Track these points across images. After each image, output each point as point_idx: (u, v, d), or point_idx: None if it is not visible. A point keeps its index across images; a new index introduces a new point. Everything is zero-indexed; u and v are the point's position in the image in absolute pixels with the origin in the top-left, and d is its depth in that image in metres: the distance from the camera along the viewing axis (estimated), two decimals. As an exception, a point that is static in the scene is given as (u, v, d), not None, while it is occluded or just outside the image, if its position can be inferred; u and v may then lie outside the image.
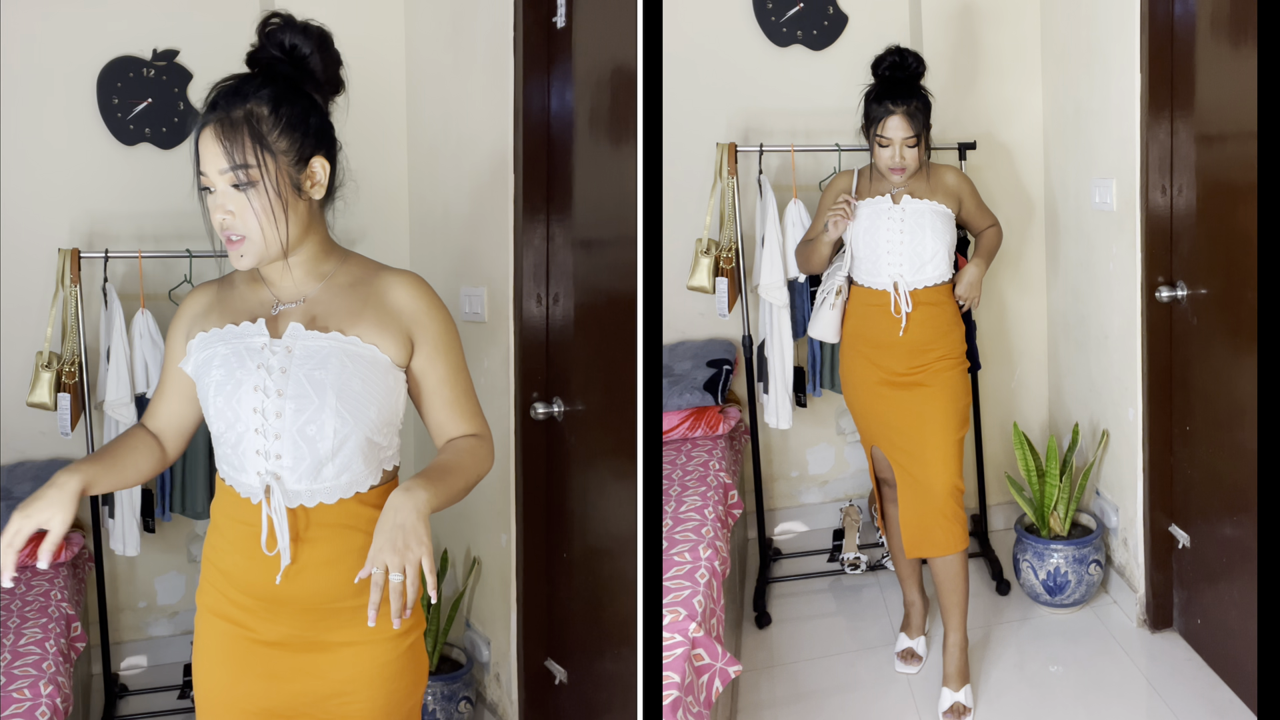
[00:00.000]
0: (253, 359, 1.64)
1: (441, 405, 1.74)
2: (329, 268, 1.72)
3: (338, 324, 1.67)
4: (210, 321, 1.71)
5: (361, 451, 1.65)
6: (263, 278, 1.72)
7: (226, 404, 1.64)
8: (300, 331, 1.65)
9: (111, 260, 2.97)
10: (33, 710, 2.17)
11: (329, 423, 1.62)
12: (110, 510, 2.95)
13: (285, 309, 1.69)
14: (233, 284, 1.75)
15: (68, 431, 2.90)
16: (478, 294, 2.88)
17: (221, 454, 1.69)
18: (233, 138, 1.60)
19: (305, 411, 1.62)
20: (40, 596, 2.68)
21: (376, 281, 1.71)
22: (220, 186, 1.61)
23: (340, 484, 1.65)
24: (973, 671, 2.86)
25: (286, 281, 1.71)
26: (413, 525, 1.54)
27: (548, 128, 2.66)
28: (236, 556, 1.68)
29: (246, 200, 1.61)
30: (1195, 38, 2.74)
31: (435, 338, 1.71)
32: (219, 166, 1.60)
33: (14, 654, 2.36)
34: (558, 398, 2.65)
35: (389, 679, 1.71)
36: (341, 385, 1.63)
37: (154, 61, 3.13)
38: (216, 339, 1.68)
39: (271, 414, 1.62)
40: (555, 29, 2.60)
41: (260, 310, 1.70)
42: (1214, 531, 2.76)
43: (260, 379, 1.63)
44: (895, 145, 2.72)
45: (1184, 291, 2.83)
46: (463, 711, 2.90)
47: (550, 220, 2.68)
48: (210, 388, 1.65)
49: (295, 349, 1.65)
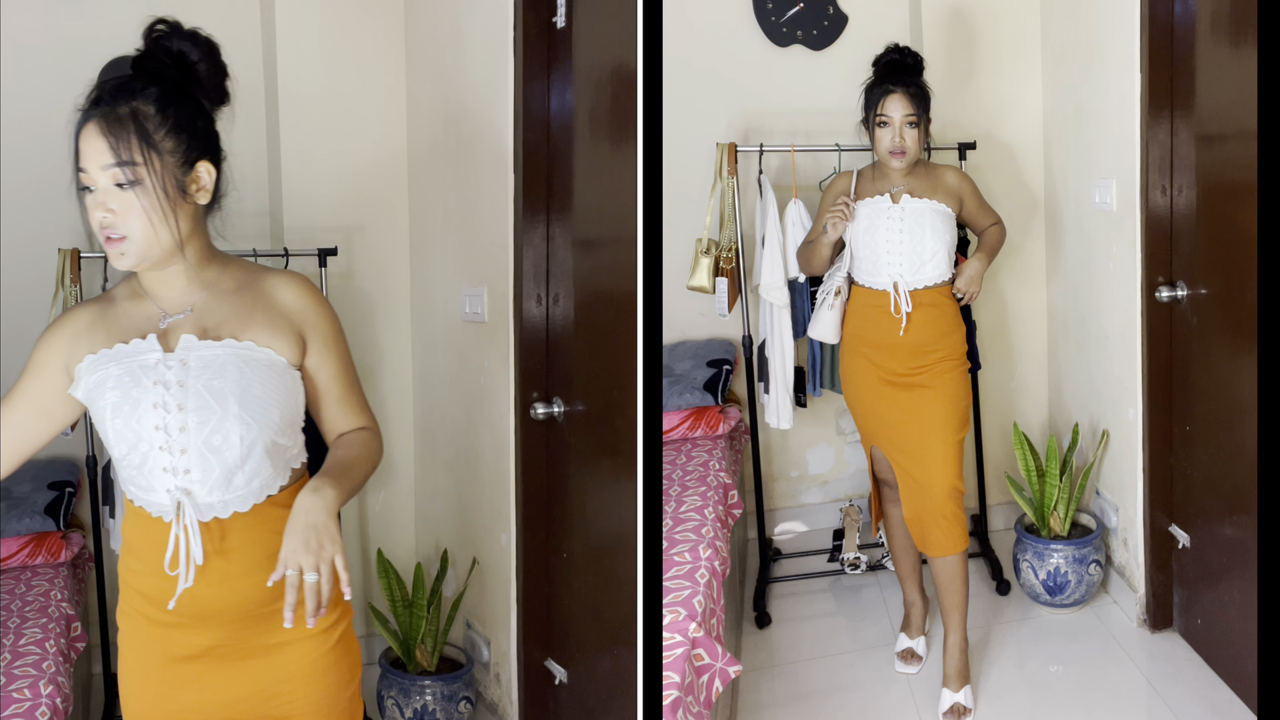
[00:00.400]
0: (148, 376, 1.61)
1: (334, 402, 1.76)
2: (212, 274, 1.69)
3: (230, 331, 1.65)
4: (96, 342, 1.65)
5: (269, 455, 1.65)
6: (145, 291, 1.68)
7: (126, 425, 1.60)
8: (194, 342, 1.63)
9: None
10: (33, 710, 2.17)
11: (234, 431, 1.61)
12: (110, 510, 2.95)
13: (174, 321, 1.66)
14: (114, 301, 1.70)
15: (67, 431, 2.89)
16: (478, 294, 2.88)
17: (127, 475, 1.65)
18: (118, 134, 1.56)
19: (209, 423, 1.60)
20: (40, 596, 2.68)
21: (262, 284, 1.70)
22: (102, 184, 1.57)
23: (252, 490, 1.65)
24: (973, 671, 2.86)
25: (170, 292, 1.67)
26: (324, 524, 1.56)
27: (548, 128, 2.66)
28: (155, 578, 1.65)
29: (131, 199, 1.57)
30: (1195, 38, 2.74)
31: (325, 335, 1.72)
32: (102, 162, 1.56)
33: (14, 654, 2.36)
34: (558, 398, 2.65)
35: (323, 673, 1.71)
36: (242, 392, 1.62)
37: (154, 61, 3.13)
38: (107, 360, 1.64)
39: (175, 429, 1.60)
40: (555, 29, 2.60)
41: (148, 325, 1.66)
42: (1214, 531, 2.76)
43: (159, 395, 1.60)
44: (895, 125, 2.72)
45: (1184, 291, 2.83)
46: (463, 711, 2.91)
47: (550, 220, 2.68)
48: (106, 411, 1.61)
49: (190, 361, 1.62)
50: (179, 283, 1.67)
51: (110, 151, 1.56)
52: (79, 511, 3.14)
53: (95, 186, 1.57)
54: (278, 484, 1.68)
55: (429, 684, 2.86)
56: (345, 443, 1.76)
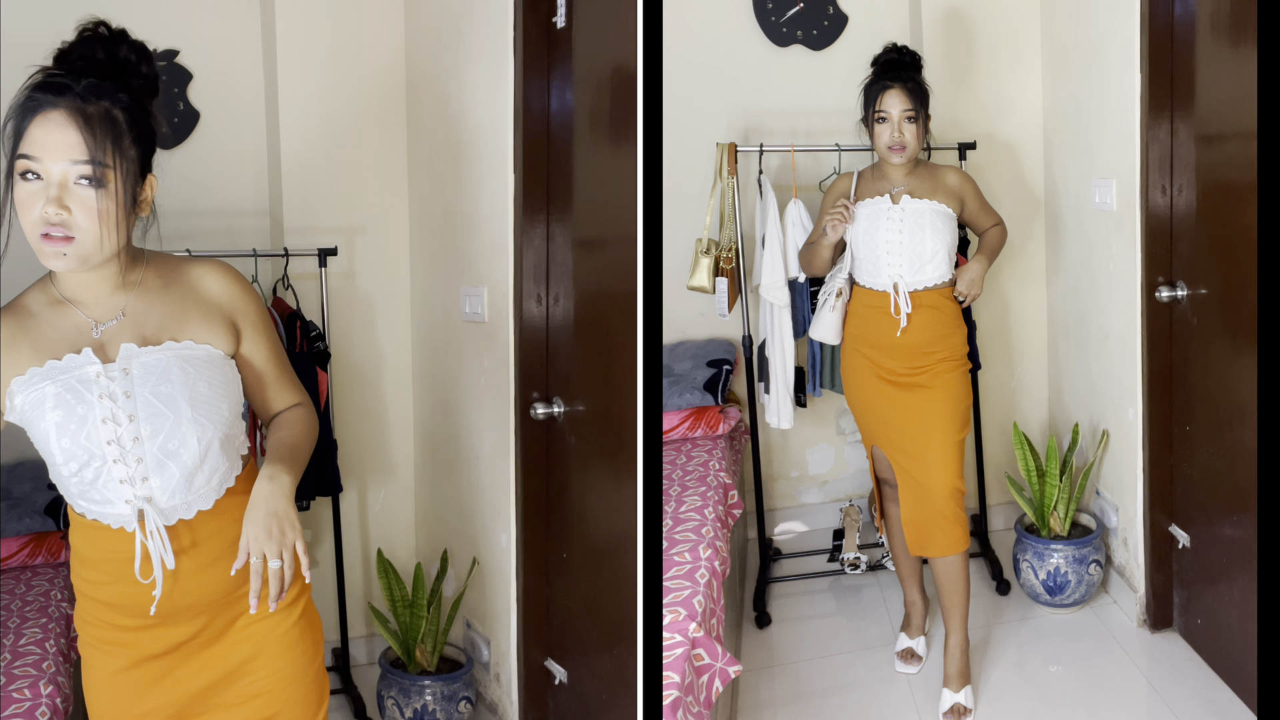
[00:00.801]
0: (91, 390, 1.57)
1: (269, 383, 1.79)
2: (137, 275, 1.65)
3: (169, 332, 1.64)
4: (21, 360, 1.58)
5: (223, 450, 1.66)
6: (67, 298, 1.62)
7: (75, 443, 1.57)
8: (134, 350, 1.60)
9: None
10: (33, 710, 2.17)
11: (190, 434, 1.60)
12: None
13: (107, 329, 1.62)
14: (30, 313, 1.62)
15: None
16: (478, 294, 2.88)
17: (77, 491, 1.62)
18: (93, 131, 1.50)
19: (163, 429, 1.59)
20: (40, 596, 2.68)
21: (186, 277, 1.69)
22: (59, 177, 1.50)
23: (212, 486, 1.66)
24: (973, 671, 2.86)
25: (97, 297, 1.62)
26: (284, 511, 1.60)
27: (548, 128, 2.66)
28: (119, 586, 1.65)
29: (90, 199, 1.51)
30: (1195, 38, 2.74)
31: (254, 321, 1.74)
32: (73, 156, 1.49)
33: (14, 654, 2.36)
34: (558, 398, 2.65)
35: (289, 647, 1.74)
36: (191, 393, 1.61)
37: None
38: (40, 378, 1.57)
39: (129, 440, 1.58)
40: (555, 29, 2.60)
41: (78, 336, 1.60)
42: (1214, 531, 2.76)
43: (107, 409, 1.57)
44: (893, 120, 2.72)
45: (1184, 291, 2.83)
46: (463, 711, 2.90)
47: (550, 220, 2.68)
48: (50, 431, 1.56)
49: (133, 369, 1.60)
50: (106, 287, 1.62)
51: (84, 147, 1.50)
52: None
53: (47, 177, 1.50)
54: (233, 475, 1.69)
55: (429, 684, 2.86)
56: (286, 422, 1.79)
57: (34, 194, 1.51)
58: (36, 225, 1.51)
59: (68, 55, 1.56)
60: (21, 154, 1.50)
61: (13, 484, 2.99)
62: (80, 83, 1.51)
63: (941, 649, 2.91)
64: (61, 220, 1.51)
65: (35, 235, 1.52)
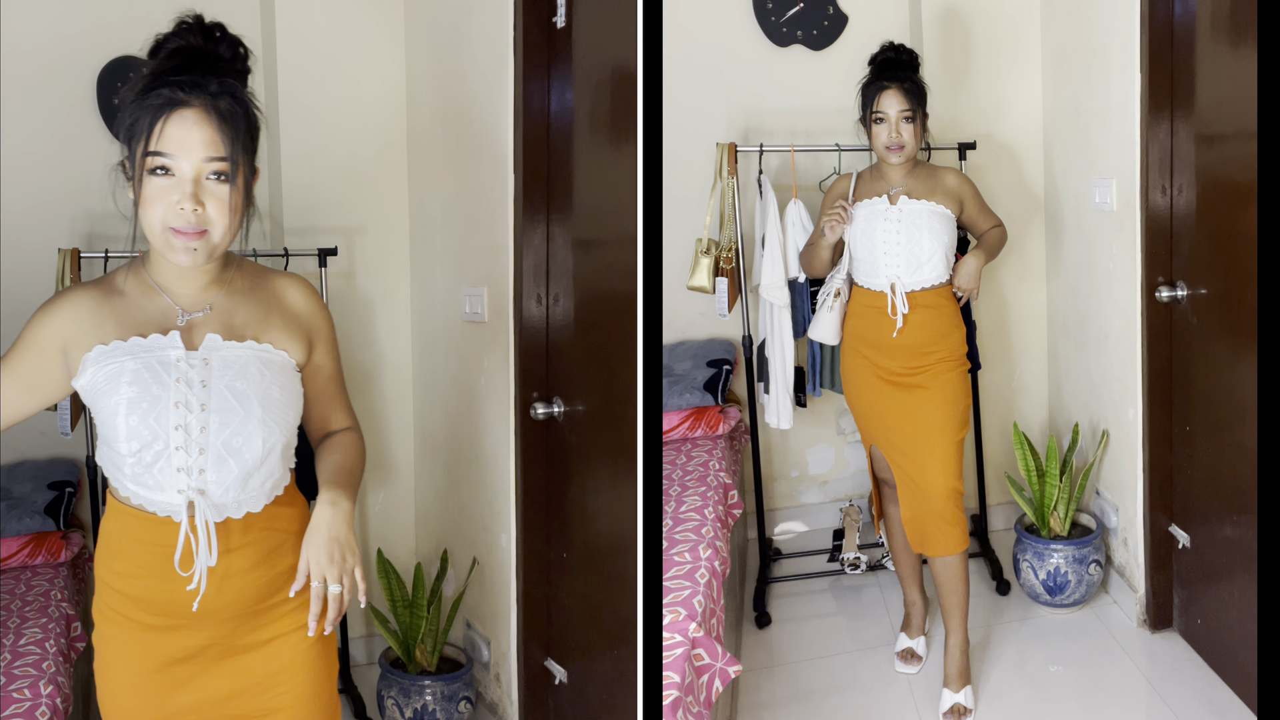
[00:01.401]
0: (169, 373, 1.59)
1: (328, 401, 1.80)
2: (229, 274, 1.69)
3: (252, 332, 1.66)
4: (105, 332, 1.61)
5: (283, 456, 1.68)
6: (162, 286, 1.65)
7: (142, 422, 1.57)
8: (218, 342, 1.63)
9: (111, 260, 2.97)
10: (33, 710, 2.17)
11: (256, 433, 1.61)
12: (110, 510, 2.95)
13: (194, 319, 1.64)
14: (120, 292, 1.65)
15: (68, 431, 2.90)
16: (478, 294, 2.88)
17: (131, 474, 1.61)
18: (224, 128, 1.55)
19: (231, 424, 1.60)
20: (40, 596, 2.68)
21: (272, 286, 1.73)
22: (192, 174, 1.54)
23: (264, 491, 1.66)
24: (973, 671, 2.86)
25: (190, 289, 1.65)
26: (345, 537, 1.62)
27: (548, 128, 2.66)
28: (151, 580, 1.63)
29: (224, 194, 1.56)
30: (1195, 38, 2.74)
31: (326, 338, 1.77)
32: (208, 154, 1.54)
33: (14, 654, 2.36)
34: (558, 398, 2.65)
35: (310, 665, 1.73)
36: (264, 394, 1.63)
37: (154, 61, 3.13)
38: (121, 352, 1.59)
39: (196, 429, 1.59)
40: (555, 29, 2.60)
41: (165, 321, 1.63)
42: (1214, 531, 2.76)
43: (181, 394, 1.59)
44: (891, 120, 2.73)
45: (1184, 291, 2.83)
46: (463, 711, 2.90)
47: (550, 220, 2.68)
48: (121, 406, 1.57)
49: (213, 360, 1.62)
50: (201, 280, 1.66)
51: (221, 144, 1.54)
52: (79, 511, 3.13)
53: (180, 174, 1.54)
54: (283, 485, 1.70)
55: (429, 684, 2.86)
56: (339, 445, 1.78)
57: (164, 190, 1.54)
58: (165, 220, 1.54)
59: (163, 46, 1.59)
60: (154, 151, 1.53)
61: (13, 484, 2.99)
62: (212, 81, 1.55)
63: (942, 649, 2.90)
64: (198, 216, 1.54)
65: (162, 229, 1.55)
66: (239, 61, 1.62)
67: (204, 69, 1.57)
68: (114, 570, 1.67)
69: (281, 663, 1.70)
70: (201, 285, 1.66)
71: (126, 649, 1.67)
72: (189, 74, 1.55)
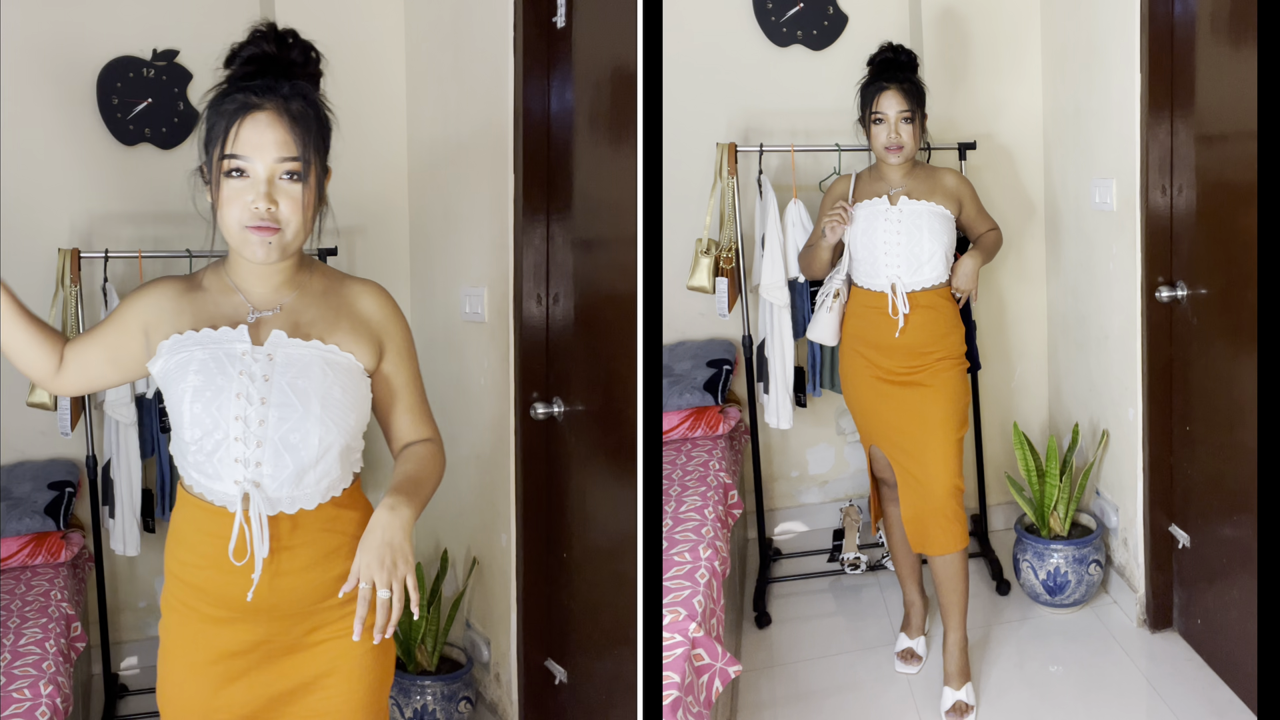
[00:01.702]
0: (234, 365, 1.64)
1: (405, 410, 1.79)
2: (303, 276, 1.74)
3: (317, 333, 1.69)
4: (182, 321, 1.68)
5: (341, 457, 1.69)
6: (238, 284, 1.71)
7: (205, 410, 1.62)
8: (283, 339, 1.67)
9: (111, 260, 2.97)
10: (33, 710, 2.17)
11: (314, 431, 1.64)
12: (110, 510, 2.95)
13: (264, 316, 1.69)
14: (201, 288, 1.72)
15: (68, 431, 2.90)
16: (478, 294, 2.88)
17: (192, 462, 1.66)
18: (296, 129, 1.61)
19: (289, 420, 1.63)
20: (40, 596, 2.68)
21: (345, 290, 1.76)
22: (266, 174, 1.61)
23: (320, 489, 1.68)
24: (973, 671, 2.85)
25: (264, 289, 1.71)
26: (399, 544, 1.60)
27: (548, 128, 2.66)
28: (210, 571, 1.67)
29: (297, 193, 1.62)
30: (1195, 38, 2.74)
31: (401, 345, 1.77)
32: (280, 154, 1.60)
33: (14, 654, 2.36)
34: (558, 398, 2.65)
35: (366, 670, 1.74)
36: (324, 393, 1.65)
37: (154, 61, 3.13)
38: (192, 343, 1.66)
39: (255, 421, 1.62)
40: (555, 29, 2.60)
41: (237, 316, 1.69)
42: (1214, 531, 2.76)
43: (243, 386, 1.63)
44: (890, 121, 2.73)
45: (1184, 291, 2.83)
46: (463, 711, 2.91)
47: (550, 220, 2.68)
48: (186, 393, 1.63)
49: (277, 357, 1.65)
50: (276, 280, 1.71)
51: (293, 144, 1.61)
52: (79, 511, 3.14)
53: (254, 175, 1.60)
54: (342, 486, 1.71)
55: (429, 684, 2.86)
56: (414, 456, 1.77)
57: (240, 191, 1.61)
58: (241, 219, 1.61)
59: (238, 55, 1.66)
60: (230, 154, 1.60)
61: (13, 484, 2.99)
62: (284, 84, 1.63)
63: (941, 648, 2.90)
64: (273, 214, 1.60)
65: (239, 228, 1.61)
66: (311, 65, 1.70)
67: (277, 74, 1.64)
68: (178, 559, 1.71)
69: (334, 665, 1.72)
70: (275, 285, 1.71)
71: (186, 638, 1.71)
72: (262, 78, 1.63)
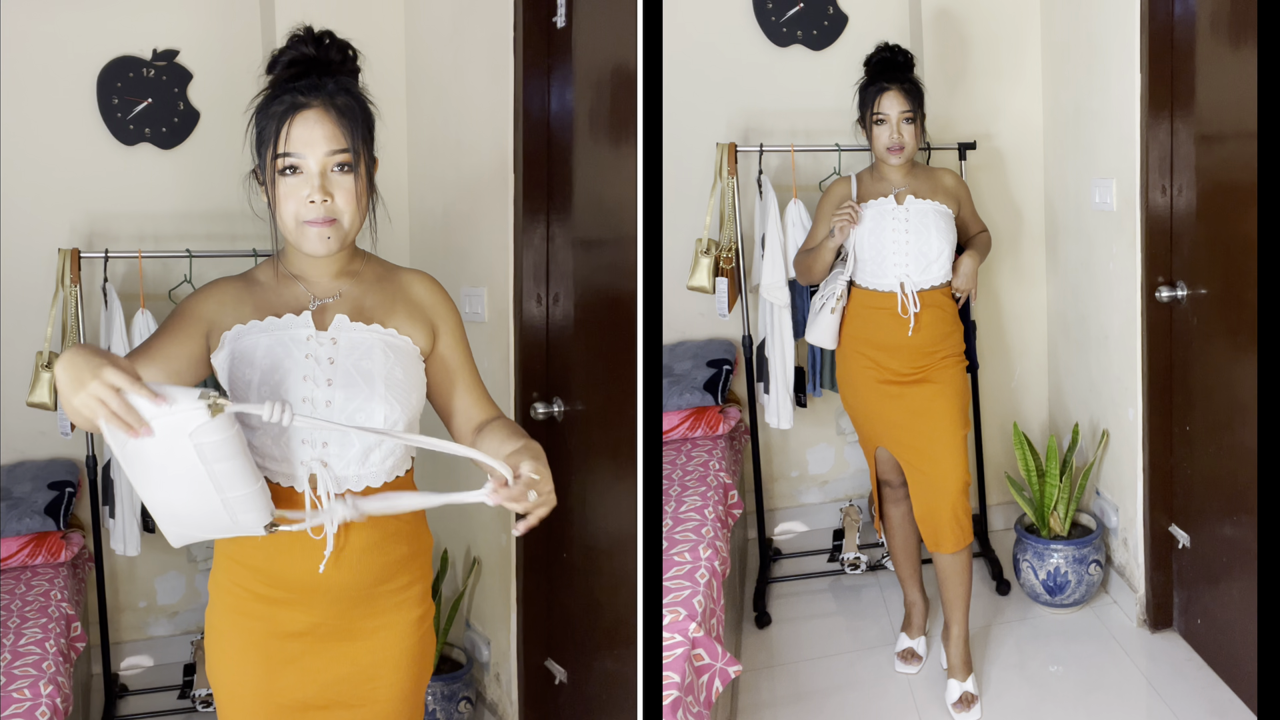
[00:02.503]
0: (299, 350, 1.68)
1: (465, 389, 1.82)
2: (357, 265, 1.79)
3: (377, 317, 1.74)
4: (244, 314, 1.72)
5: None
6: (296, 275, 1.75)
7: (273, 394, 1.65)
8: (345, 323, 1.71)
9: (111, 260, 2.97)
10: (33, 710, 2.17)
11: (379, 410, 1.67)
12: (110, 510, 2.95)
13: (325, 303, 1.74)
14: (258, 282, 1.76)
15: (67, 432, 2.90)
16: (478, 294, 2.88)
17: (257, 446, 1.68)
18: (343, 122, 1.65)
19: (355, 400, 1.67)
20: (40, 596, 2.69)
21: (397, 278, 1.80)
22: (318, 168, 1.64)
23: (385, 468, 1.72)
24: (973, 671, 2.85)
25: (322, 277, 1.75)
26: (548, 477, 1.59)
27: (548, 128, 2.66)
28: (270, 549, 1.69)
29: (349, 184, 1.66)
30: (1195, 38, 2.74)
31: (453, 328, 1.81)
32: (329, 148, 1.64)
33: (14, 654, 2.36)
34: (558, 398, 2.65)
35: (413, 661, 1.78)
36: (387, 374, 1.69)
37: (154, 61, 3.13)
38: (257, 330, 1.70)
39: (321, 403, 1.66)
40: (555, 29, 2.60)
41: (299, 305, 1.73)
42: (1214, 531, 2.76)
43: (309, 369, 1.67)
44: (892, 121, 2.73)
45: (1184, 291, 2.83)
46: (463, 711, 2.91)
47: (550, 220, 2.68)
48: (254, 378, 1.66)
49: (340, 340, 1.70)
50: (332, 269, 1.75)
51: (341, 137, 1.65)
52: (79, 511, 3.14)
53: (307, 170, 1.64)
54: (405, 467, 1.76)
55: (429, 684, 2.86)
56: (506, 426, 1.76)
57: (295, 187, 1.65)
58: (299, 214, 1.65)
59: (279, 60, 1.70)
60: (283, 152, 1.64)
61: (13, 484, 2.99)
62: (328, 81, 1.67)
63: (942, 647, 2.91)
64: (327, 208, 1.65)
65: (296, 223, 1.66)
66: (349, 63, 1.74)
67: (318, 74, 1.68)
68: (235, 540, 1.71)
69: (385, 654, 1.75)
70: (332, 274, 1.75)
71: (240, 618, 1.73)
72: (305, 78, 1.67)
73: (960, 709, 2.71)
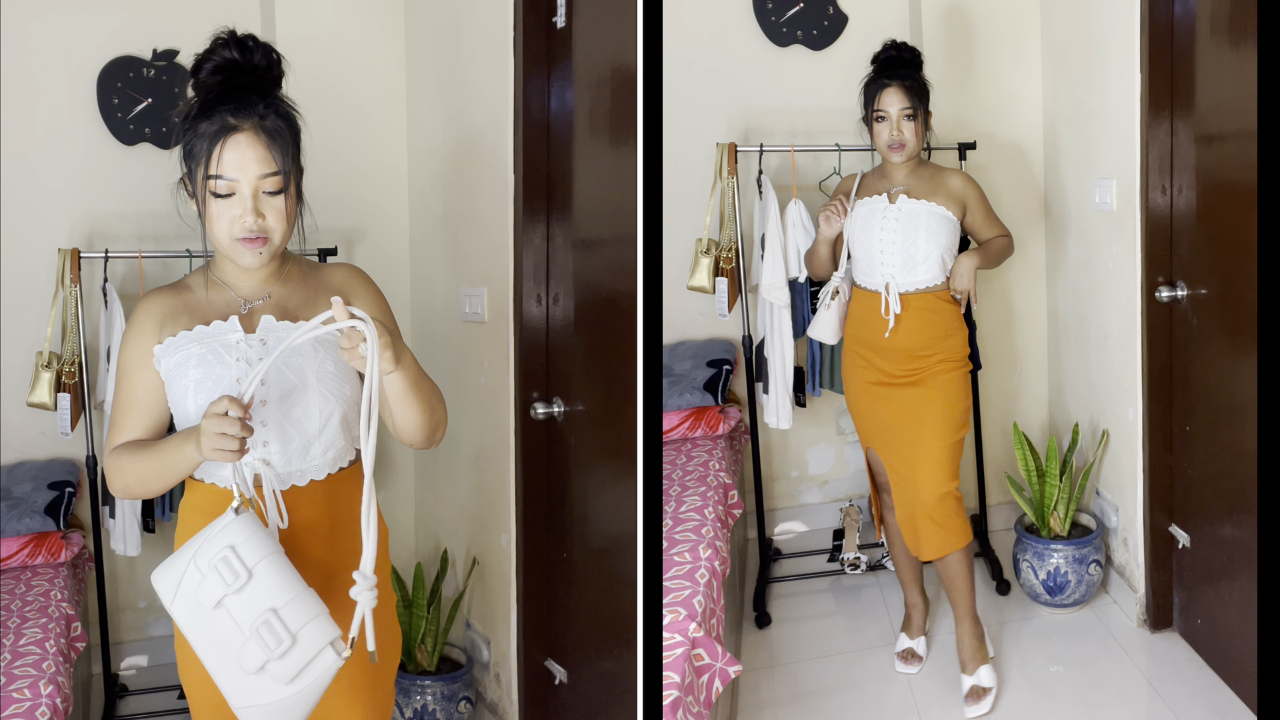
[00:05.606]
0: (230, 354, 1.73)
1: None
2: (286, 268, 1.84)
3: (304, 314, 1.78)
4: (179, 325, 1.77)
5: (342, 427, 1.78)
6: (224, 282, 1.80)
7: (209, 400, 1.69)
8: (272, 323, 1.77)
9: (111, 260, 2.97)
10: (33, 710, 2.17)
11: (314, 403, 1.73)
12: (110, 510, 2.95)
13: (254, 306, 1.79)
14: (190, 289, 1.82)
15: (68, 431, 2.90)
16: (478, 294, 2.88)
17: None
18: (274, 145, 1.69)
19: (289, 396, 1.72)
20: (40, 596, 2.69)
21: (322, 273, 1.86)
22: (250, 190, 1.69)
23: (327, 460, 1.77)
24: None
25: (252, 282, 1.80)
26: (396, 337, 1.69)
27: (548, 128, 2.66)
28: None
29: (279, 204, 1.71)
30: (1195, 38, 2.74)
31: (372, 307, 1.84)
32: (261, 171, 1.68)
33: (14, 654, 2.36)
34: (558, 398, 2.65)
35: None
36: (318, 368, 1.74)
37: (154, 61, 3.13)
38: (188, 340, 1.75)
39: (257, 403, 1.71)
40: (555, 29, 2.60)
41: (229, 311, 1.78)
42: (1214, 531, 2.76)
43: (241, 371, 1.72)
44: (892, 119, 2.72)
45: (1184, 291, 2.83)
46: (463, 711, 2.91)
47: (550, 220, 2.68)
48: (189, 387, 1.72)
49: (269, 340, 1.75)
50: (261, 274, 1.80)
51: (271, 160, 1.69)
52: (79, 511, 3.14)
53: (239, 192, 1.69)
54: (347, 458, 1.80)
55: (429, 684, 2.86)
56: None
57: (227, 207, 1.70)
58: (230, 232, 1.70)
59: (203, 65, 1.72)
60: (215, 175, 1.69)
61: (13, 484, 2.99)
62: (258, 102, 1.70)
63: (942, 649, 2.91)
64: (260, 227, 1.71)
65: (229, 240, 1.71)
66: (274, 68, 1.76)
67: (244, 80, 1.71)
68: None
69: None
70: (261, 278, 1.80)
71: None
72: (234, 95, 1.70)
73: (970, 702, 2.71)
